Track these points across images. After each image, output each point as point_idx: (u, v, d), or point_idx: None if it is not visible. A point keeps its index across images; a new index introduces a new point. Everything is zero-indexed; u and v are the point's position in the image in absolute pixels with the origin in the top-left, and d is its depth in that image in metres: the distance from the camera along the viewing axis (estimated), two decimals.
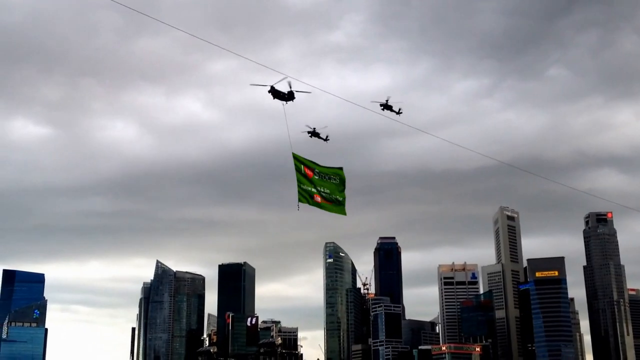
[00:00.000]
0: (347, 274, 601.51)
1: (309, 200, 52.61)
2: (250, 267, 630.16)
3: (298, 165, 52.53)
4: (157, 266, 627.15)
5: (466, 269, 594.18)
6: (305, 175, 52.60)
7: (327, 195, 53.49)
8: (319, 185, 53.25)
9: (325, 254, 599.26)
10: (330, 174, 54.07)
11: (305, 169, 52.74)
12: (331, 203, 53.79)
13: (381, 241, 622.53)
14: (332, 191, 53.98)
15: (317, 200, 52.94)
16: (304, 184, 52.49)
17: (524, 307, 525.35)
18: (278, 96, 70.76)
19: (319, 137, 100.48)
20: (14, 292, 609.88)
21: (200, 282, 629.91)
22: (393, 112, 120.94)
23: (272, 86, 69.84)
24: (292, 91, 70.57)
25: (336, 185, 54.35)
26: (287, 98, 70.79)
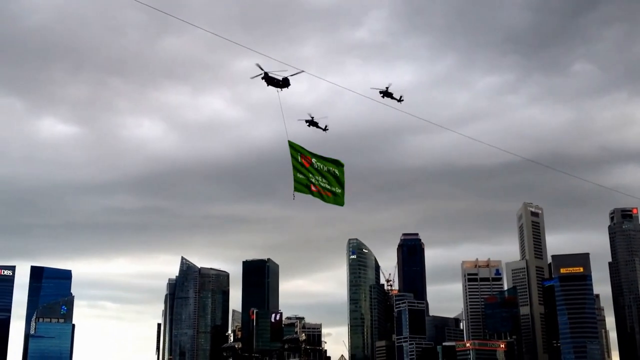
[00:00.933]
0: (370, 270, 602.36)
1: (305, 189, 50.71)
2: (274, 264, 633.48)
3: (294, 154, 50.58)
4: (182, 262, 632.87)
5: (490, 265, 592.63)
6: (302, 164, 50.67)
7: (325, 185, 51.51)
8: (317, 175, 51.21)
9: (349, 250, 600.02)
10: (329, 165, 52.00)
11: (302, 158, 50.83)
12: (329, 194, 51.69)
13: (404, 237, 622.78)
14: (331, 182, 51.97)
15: (313, 190, 50.94)
16: (301, 172, 50.57)
17: (549, 303, 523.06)
18: (272, 83, 69.25)
19: (317, 126, 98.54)
20: (42, 289, 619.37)
21: (225, 278, 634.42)
22: (394, 99, 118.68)
23: (265, 72, 68.46)
24: (287, 78, 68.87)
25: (335, 176, 52.18)
26: (282, 85, 69.15)
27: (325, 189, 51.34)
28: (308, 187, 50.60)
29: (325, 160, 51.80)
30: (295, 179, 50.03)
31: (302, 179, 50.27)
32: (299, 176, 50.24)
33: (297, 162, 50.31)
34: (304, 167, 50.54)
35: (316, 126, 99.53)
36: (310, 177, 50.65)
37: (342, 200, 52.03)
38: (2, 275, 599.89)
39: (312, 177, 50.73)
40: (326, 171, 51.59)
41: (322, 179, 51.35)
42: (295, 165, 50.09)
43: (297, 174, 50.17)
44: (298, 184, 50.09)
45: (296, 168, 50.14)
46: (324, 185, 51.33)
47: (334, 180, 51.87)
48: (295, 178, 50.02)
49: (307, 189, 50.55)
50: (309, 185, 50.56)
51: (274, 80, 68.89)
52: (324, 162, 51.64)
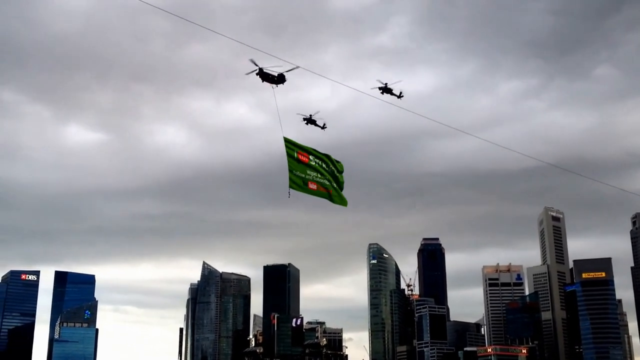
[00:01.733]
0: (391, 275, 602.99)
1: (302, 187, 48.12)
2: (295, 268, 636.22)
3: (290, 150, 48.21)
4: (204, 267, 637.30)
5: (511, 270, 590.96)
6: (298, 160, 48.25)
7: (324, 182, 49.32)
8: (315, 172, 49.00)
9: (369, 255, 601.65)
10: (328, 162, 50.00)
11: (299, 154, 48.43)
12: (329, 191, 49.62)
13: (425, 242, 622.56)
14: (331, 180, 49.86)
15: (311, 187, 48.59)
16: (297, 169, 48.06)
17: (571, 308, 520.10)
18: (267, 79, 66.75)
19: (315, 124, 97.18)
20: (66, 293, 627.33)
21: (246, 283, 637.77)
22: (394, 95, 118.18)
23: (260, 68, 66.11)
24: (282, 74, 66.50)
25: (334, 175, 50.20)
26: (277, 81, 67.06)
27: (325, 185, 49.49)
28: (305, 184, 48.46)
29: (324, 157, 50.05)
30: (291, 176, 47.77)
31: (298, 176, 48.19)
32: (296, 173, 48.10)
33: (294, 158, 48.20)
34: (301, 164, 48.54)
35: (314, 124, 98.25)
36: (308, 174, 48.72)
37: (344, 199, 50.73)
38: (27, 280, 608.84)
39: (310, 174, 48.79)
40: (325, 168, 49.81)
41: (322, 176, 49.41)
42: (291, 162, 47.97)
43: (293, 171, 47.99)
44: (294, 181, 47.88)
45: (292, 165, 48.00)
46: (323, 182, 49.40)
47: (334, 178, 50.27)
48: (291, 175, 47.78)
49: (304, 186, 48.38)
50: (306, 182, 48.49)
51: (269, 76, 66.79)
52: (323, 159, 49.89)
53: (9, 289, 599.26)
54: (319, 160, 49.67)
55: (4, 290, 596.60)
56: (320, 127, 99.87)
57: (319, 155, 49.88)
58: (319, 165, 49.50)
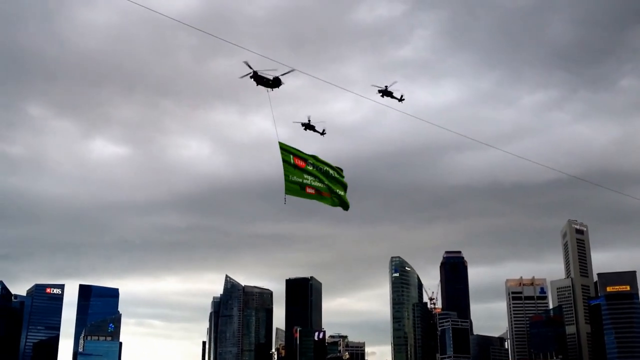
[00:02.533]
0: (413, 289, 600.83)
1: (298, 192, 47.42)
2: (317, 282, 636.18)
3: (286, 156, 47.66)
4: (227, 281, 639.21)
5: (535, 284, 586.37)
6: (295, 165, 47.61)
7: (322, 187, 48.41)
8: (313, 176, 48.18)
9: (391, 268, 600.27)
10: (327, 166, 49.21)
11: (295, 160, 47.82)
12: (328, 195, 48.73)
13: (447, 255, 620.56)
14: (330, 183, 48.92)
15: (309, 192, 47.84)
16: (294, 175, 47.40)
17: (595, 322, 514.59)
18: (262, 82, 65.69)
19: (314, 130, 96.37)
20: (90, 307, 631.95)
21: (268, 296, 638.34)
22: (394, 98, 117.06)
23: (254, 71, 65.24)
24: (278, 77, 65.36)
25: (334, 178, 49.35)
26: (272, 84, 65.89)
27: (323, 189, 48.62)
28: (303, 189, 47.72)
29: (323, 162, 49.32)
30: (287, 180, 47.12)
31: (295, 182, 47.48)
32: (292, 178, 47.43)
33: (290, 164, 47.60)
34: (297, 169, 47.81)
35: (313, 130, 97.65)
36: (305, 179, 47.99)
37: (346, 202, 49.87)
38: (52, 294, 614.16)
39: (307, 178, 48.06)
40: (324, 172, 48.94)
41: (319, 181, 48.58)
42: (286, 167, 47.37)
43: (289, 176, 47.32)
44: (290, 187, 47.17)
45: (288, 170, 47.39)
46: (321, 186, 48.56)
47: (334, 181, 49.37)
48: (287, 180, 47.12)
49: (301, 191, 47.66)
50: (304, 187, 47.72)
51: (264, 79, 65.86)
52: (321, 164, 49.16)
53: (33, 303, 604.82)
54: (318, 164, 49.09)
55: (29, 303, 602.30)
56: (320, 132, 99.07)
57: (317, 162, 49.33)
58: (317, 170, 48.84)
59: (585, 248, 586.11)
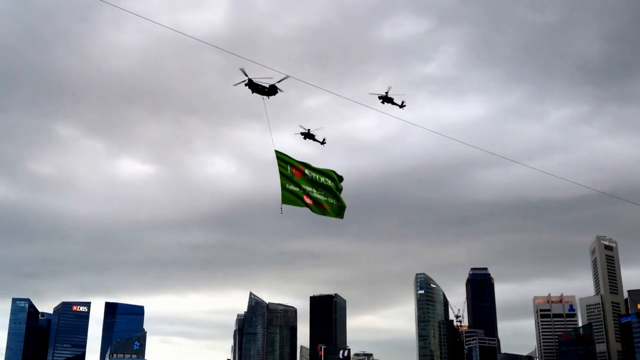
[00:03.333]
0: (439, 306, 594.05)
1: (295, 201, 46.70)
2: (342, 299, 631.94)
3: (283, 165, 47.22)
4: (251, 298, 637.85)
5: (563, 301, 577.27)
6: (292, 175, 47.00)
7: (319, 197, 47.56)
8: (310, 186, 47.44)
9: (416, 285, 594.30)
10: (324, 176, 48.34)
11: (292, 169, 47.21)
12: (325, 206, 47.83)
13: (473, 272, 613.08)
14: (327, 194, 47.98)
15: (306, 201, 47.09)
16: (291, 184, 46.76)
17: (626, 340, 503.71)
18: (257, 90, 64.22)
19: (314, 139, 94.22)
20: (116, 324, 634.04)
21: (293, 313, 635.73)
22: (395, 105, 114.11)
23: (249, 79, 63.97)
24: (274, 85, 64.02)
25: (332, 187, 48.40)
26: (268, 92, 64.49)
27: (321, 201, 47.80)
28: (300, 199, 47.01)
29: (319, 172, 48.47)
30: (284, 190, 46.45)
31: (292, 191, 46.84)
32: (289, 188, 46.78)
33: (287, 172, 47.10)
34: (294, 178, 47.25)
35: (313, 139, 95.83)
36: (303, 188, 47.24)
37: (342, 213, 48.84)
38: (78, 312, 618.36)
39: (304, 188, 47.31)
40: (321, 183, 48.09)
41: (317, 191, 47.80)
42: (283, 177, 46.82)
43: (286, 185, 46.74)
44: (287, 196, 46.56)
45: (285, 179, 46.82)
46: (319, 197, 47.75)
47: (331, 192, 48.38)
48: (284, 189, 46.45)
49: (299, 201, 46.94)
50: (301, 196, 47.01)
51: (259, 87, 64.49)
52: (318, 173, 48.37)
53: (60, 320, 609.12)
54: (315, 174, 48.33)
55: (55, 321, 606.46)
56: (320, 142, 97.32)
57: (314, 171, 48.50)
58: (314, 178, 48.12)
59: (615, 264, 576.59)
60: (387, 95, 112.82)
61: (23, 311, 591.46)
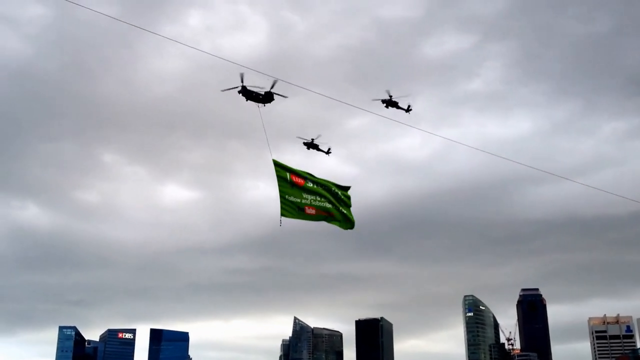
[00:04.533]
0: (489, 329, 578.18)
1: (296, 213, 43.89)
2: (388, 323, 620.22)
3: (282, 174, 44.21)
4: (295, 323, 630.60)
5: (620, 322, 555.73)
6: (292, 184, 44.04)
7: (323, 205, 44.57)
8: (313, 195, 44.54)
9: (465, 307, 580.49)
10: (328, 183, 45.30)
11: (292, 177, 44.29)
12: (331, 215, 45.00)
13: (524, 293, 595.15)
14: (332, 201, 45.11)
15: (309, 212, 44.30)
16: (291, 194, 43.88)
17: None
18: (251, 97, 61.39)
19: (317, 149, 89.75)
20: (161, 351, 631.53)
21: (338, 338, 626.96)
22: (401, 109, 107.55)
23: (243, 86, 61.40)
24: (270, 92, 61.00)
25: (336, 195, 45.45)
26: (263, 100, 61.51)
27: (324, 208, 44.75)
28: (302, 210, 44.00)
29: (326, 181, 45.46)
30: (283, 202, 43.52)
31: (292, 202, 43.76)
32: (289, 198, 43.74)
33: (286, 182, 44.03)
34: (295, 188, 44.18)
35: (317, 149, 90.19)
36: (305, 198, 44.19)
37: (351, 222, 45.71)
38: (124, 339, 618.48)
39: (306, 197, 44.25)
40: (325, 190, 45.13)
41: (320, 199, 44.73)
42: (282, 187, 43.85)
43: (286, 196, 43.73)
44: (286, 208, 43.57)
45: (284, 189, 43.86)
46: (322, 205, 44.68)
47: (336, 199, 45.38)
48: (283, 201, 43.54)
49: (299, 212, 43.99)
50: (302, 207, 43.98)
51: (253, 94, 62.12)
52: (321, 180, 45.33)
53: (106, 348, 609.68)
54: (317, 184, 44.99)
55: (102, 349, 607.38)
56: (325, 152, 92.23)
57: (316, 180, 45.18)
58: (317, 188, 44.90)
59: None
60: (391, 99, 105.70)
61: (70, 339, 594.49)
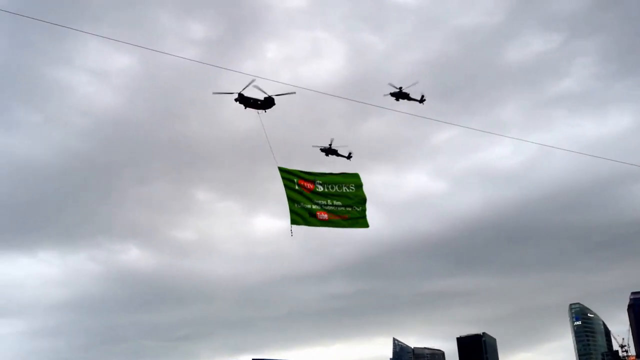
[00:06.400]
0: (599, 336, 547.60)
1: (307, 220, 42.98)
2: (491, 338, 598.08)
3: (290, 180, 43.32)
4: (395, 344, 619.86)
5: None
6: (301, 190, 43.19)
7: (337, 208, 43.15)
8: (324, 198, 43.47)
9: (572, 316, 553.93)
10: (340, 181, 43.75)
11: (301, 182, 43.38)
12: (345, 217, 43.64)
13: (634, 297, 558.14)
14: (346, 202, 43.73)
15: (322, 217, 43.37)
16: (300, 201, 43.07)
17: None
18: (250, 104, 59.02)
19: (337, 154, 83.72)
20: None
21: (440, 357, 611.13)
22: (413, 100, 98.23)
23: (239, 93, 58.80)
24: (270, 97, 58.00)
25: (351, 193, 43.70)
26: (263, 106, 58.80)
27: (338, 212, 43.77)
28: (313, 216, 43.31)
29: (334, 177, 44.05)
30: (292, 210, 43.11)
31: (303, 208, 43.14)
32: (297, 206, 43.27)
33: (294, 189, 43.57)
34: (304, 194, 43.62)
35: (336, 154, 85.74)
36: (316, 203, 43.49)
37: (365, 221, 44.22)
38: None
39: (317, 202, 43.53)
40: (336, 191, 44.07)
41: (332, 201, 43.90)
42: (291, 194, 43.38)
43: (294, 204, 43.29)
44: (296, 216, 43.17)
45: (293, 196, 43.36)
46: (335, 208, 43.57)
47: (350, 198, 44.05)
48: (292, 209, 43.14)
49: (311, 219, 43.33)
50: (314, 213, 43.31)
51: (250, 101, 59.17)
52: (332, 180, 44.03)
53: None
54: (328, 184, 44.21)
55: None
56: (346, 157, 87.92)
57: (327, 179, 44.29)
58: (329, 190, 44.24)
59: None
60: (401, 91, 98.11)
61: None
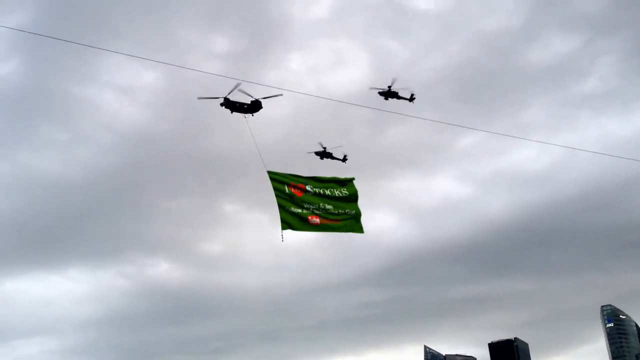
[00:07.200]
0: (633, 338, 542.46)
1: (298, 225, 42.40)
2: (523, 342, 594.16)
3: (279, 185, 42.87)
4: (426, 352, 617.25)
5: None
6: (291, 195, 42.65)
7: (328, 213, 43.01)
8: (316, 202, 43.08)
9: (604, 318, 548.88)
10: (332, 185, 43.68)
11: (290, 188, 42.86)
12: (337, 221, 43.37)
13: None
14: (338, 205, 43.50)
15: (314, 222, 42.75)
16: (290, 206, 42.50)
17: None
18: (236, 109, 59.03)
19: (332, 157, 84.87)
20: None
21: None
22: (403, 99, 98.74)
23: (225, 98, 58.55)
24: (257, 100, 58.37)
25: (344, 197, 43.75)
26: (250, 109, 58.84)
27: (330, 216, 43.19)
28: (304, 220, 42.46)
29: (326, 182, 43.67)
30: (283, 215, 42.19)
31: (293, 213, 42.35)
32: (288, 210, 42.46)
33: (284, 194, 42.72)
34: (294, 199, 42.78)
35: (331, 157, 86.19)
36: (306, 208, 42.77)
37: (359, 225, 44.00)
38: None
39: (307, 207, 42.82)
40: (328, 194, 43.60)
41: (323, 205, 43.22)
42: (281, 199, 42.57)
43: (286, 208, 42.43)
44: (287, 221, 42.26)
45: (283, 202, 42.56)
46: (326, 213, 43.11)
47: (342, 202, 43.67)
48: (283, 214, 42.22)
49: (302, 223, 42.46)
50: (305, 217, 42.46)
51: (236, 105, 59.64)
52: (324, 184, 43.63)
53: None
54: (319, 188, 43.69)
55: None
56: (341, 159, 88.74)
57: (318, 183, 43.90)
58: (321, 192, 43.74)
59: None
60: (390, 90, 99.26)
61: None
